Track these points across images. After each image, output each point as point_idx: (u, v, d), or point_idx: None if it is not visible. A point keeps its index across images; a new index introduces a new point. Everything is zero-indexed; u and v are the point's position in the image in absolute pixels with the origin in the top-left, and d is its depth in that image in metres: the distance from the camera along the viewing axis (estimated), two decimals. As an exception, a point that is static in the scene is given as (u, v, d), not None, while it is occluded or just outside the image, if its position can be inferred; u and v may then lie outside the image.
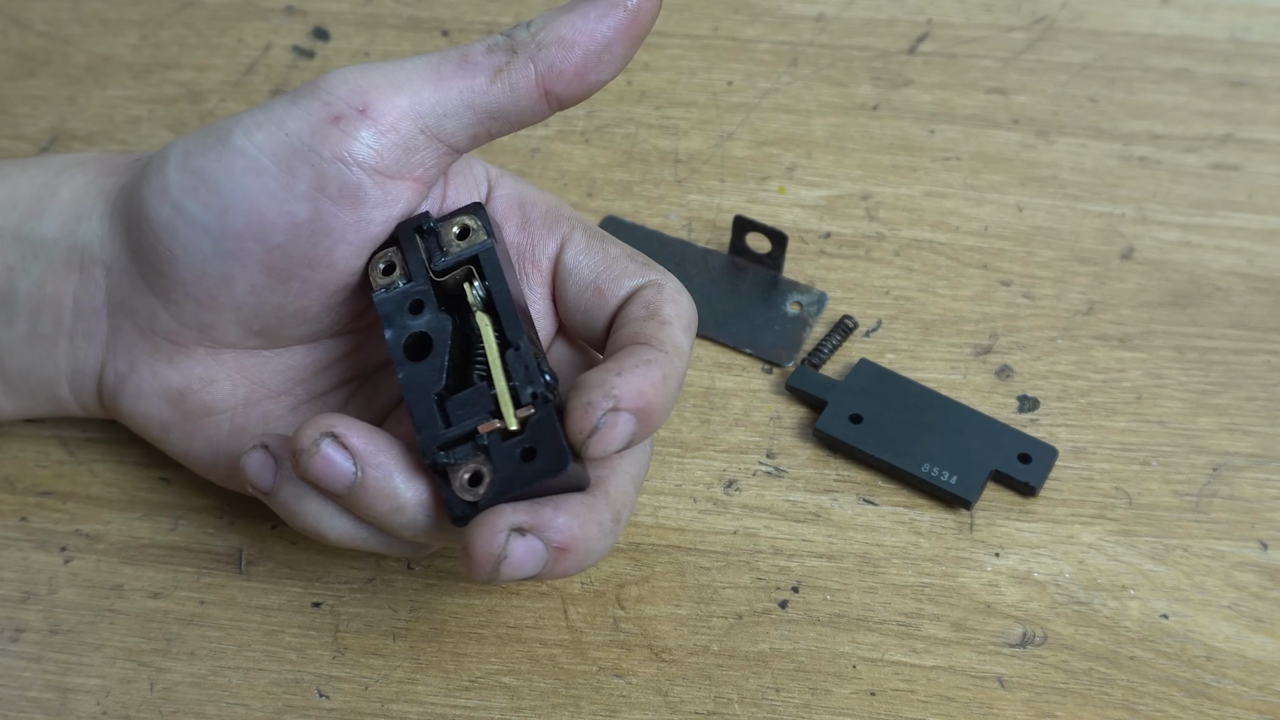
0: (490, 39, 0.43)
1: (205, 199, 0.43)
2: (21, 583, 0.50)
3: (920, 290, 0.58)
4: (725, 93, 0.64)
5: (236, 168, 0.42)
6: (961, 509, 0.51)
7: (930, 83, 0.64)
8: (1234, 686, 0.48)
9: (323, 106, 0.42)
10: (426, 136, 0.43)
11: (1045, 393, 0.55)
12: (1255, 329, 0.56)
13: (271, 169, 0.42)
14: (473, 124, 0.43)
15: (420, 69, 0.42)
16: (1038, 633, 0.49)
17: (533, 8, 0.67)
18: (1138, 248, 0.59)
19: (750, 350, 0.55)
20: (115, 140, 0.62)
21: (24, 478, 0.52)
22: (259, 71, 0.65)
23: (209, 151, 0.43)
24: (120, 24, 0.67)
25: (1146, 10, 0.67)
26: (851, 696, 0.48)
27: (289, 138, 0.42)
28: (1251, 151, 0.62)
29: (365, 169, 0.42)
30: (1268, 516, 0.52)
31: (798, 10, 0.67)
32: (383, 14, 0.67)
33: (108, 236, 0.46)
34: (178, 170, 0.44)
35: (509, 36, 0.43)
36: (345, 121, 0.42)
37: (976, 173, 0.61)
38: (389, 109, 0.42)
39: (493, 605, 0.50)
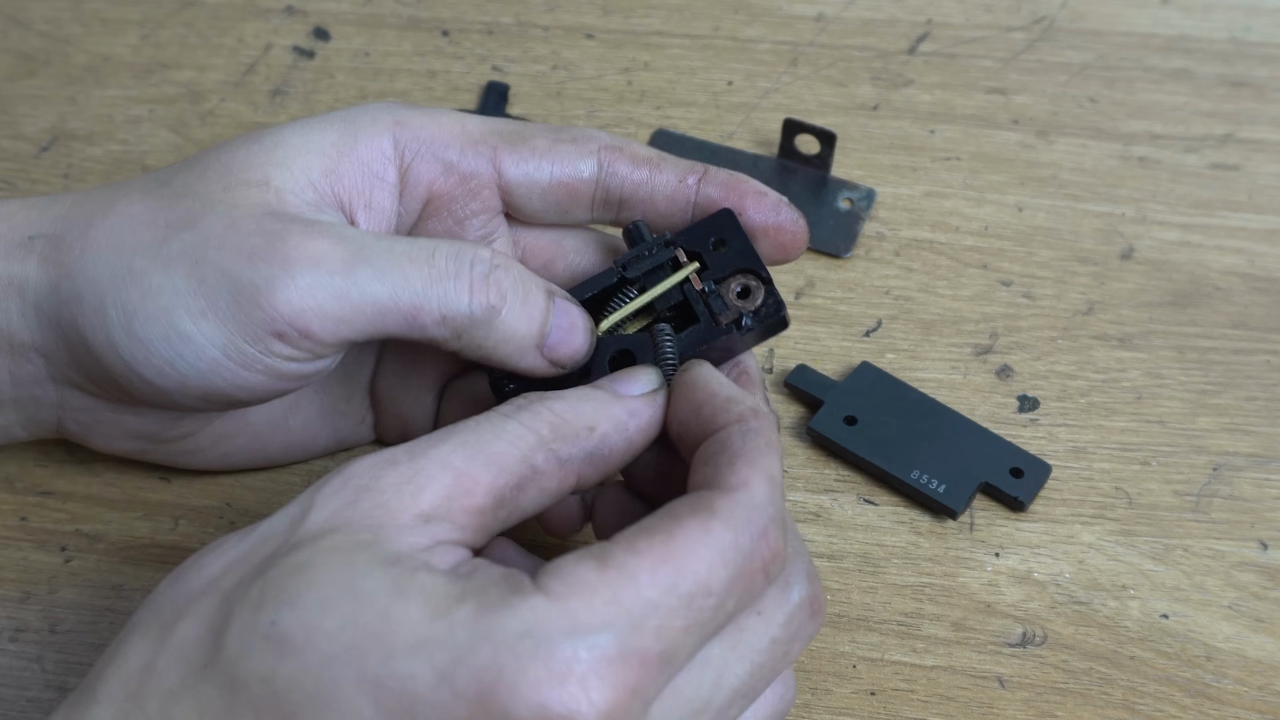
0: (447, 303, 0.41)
1: (160, 370, 0.42)
2: (21, 583, 0.50)
3: (920, 290, 0.58)
4: (725, 93, 0.64)
5: (188, 353, 0.42)
6: (948, 518, 0.51)
7: (930, 83, 0.64)
8: (1234, 686, 0.48)
9: (267, 321, 0.41)
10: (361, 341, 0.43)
11: (1045, 393, 0.55)
12: (1255, 329, 0.56)
13: (222, 359, 0.42)
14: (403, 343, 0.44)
15: (369, 305, 0.41)
16: (1038, 633, 0.49)
17: (532, 7, 0.67)
18: (1138, 248, 0.59)
19: (809, 244, 0.56)
20: (115, 140, 0.62)
21: (24, 478, 0.52)
22: (259, 71, 0.65)
23: (152, 323, 0.42)
24: (120, 24, 0.67)
25: (1146, 10, 0.67)
26: (851, 696, 0.48)
27: (235, 336, 0.41)
28: (1251, 151, 0.62)
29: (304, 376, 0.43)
30: (1268, 516, 0.52)
31: (798, 10, 0.67)
32: (383, 14, 0.67)
33: (38, 331, 0.44)
34: (123, 333, 0.42)
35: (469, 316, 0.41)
36: (288, 338, 0.41)
37: (976, 173, 0.61)
38: (330, 335, 0.41)
39: (493, 605, 0.50)
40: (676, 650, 0.35)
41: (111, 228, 0.43)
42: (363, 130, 0.45)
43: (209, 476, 0.52)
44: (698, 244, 0.45)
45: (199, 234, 0.42)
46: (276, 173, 0.43)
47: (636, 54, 0.65)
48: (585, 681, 0.34)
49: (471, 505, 0.38)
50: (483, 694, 0.33)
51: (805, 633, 0.39)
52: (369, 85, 0.64)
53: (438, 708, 0.34)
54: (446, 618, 0.34)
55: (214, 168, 0.44)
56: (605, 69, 0.65)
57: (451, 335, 0.42)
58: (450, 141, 0.45)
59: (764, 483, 0.37)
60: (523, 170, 0.45)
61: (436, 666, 0.34)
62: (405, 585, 0.35)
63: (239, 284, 0.41)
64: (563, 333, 0.43)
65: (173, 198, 0.43)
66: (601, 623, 0.34)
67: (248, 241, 0.41)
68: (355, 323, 0.41)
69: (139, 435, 0.48)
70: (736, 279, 0.45)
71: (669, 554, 0.35)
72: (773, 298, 0.44)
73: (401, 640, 0.34)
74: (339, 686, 0.34)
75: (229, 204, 0.42)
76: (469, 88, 0.64)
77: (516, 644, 0.34)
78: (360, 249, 0.41)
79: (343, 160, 0.44)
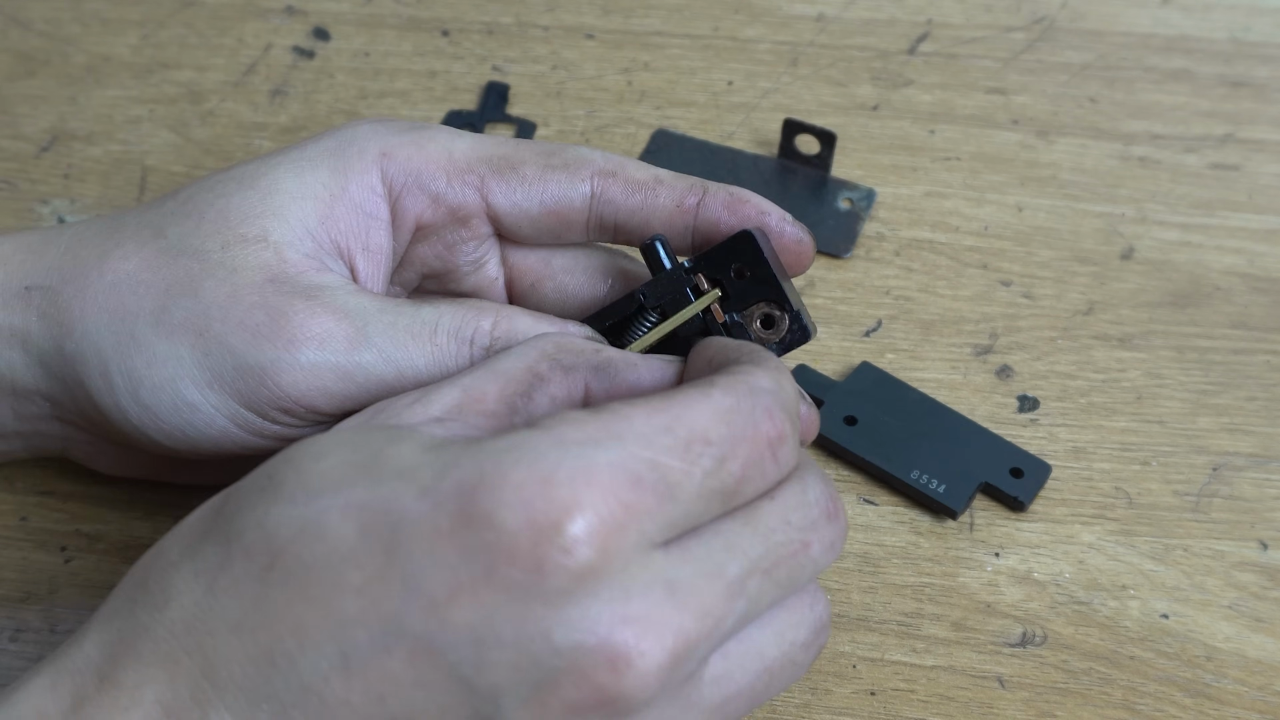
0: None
1: (169, 435, 0.43)
2: (21, 583, 0.50)
3: (920, 290, 0.58)
4: (725, 93, 0.64)
5: (198, 420, 0.42)
6: (948, 518, 0.51)
7: (930, 83, 0.64)
8: (1234, 686, 0.48)
9: (274, 399, 0.41)
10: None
11: (1045, 393, 0.55)
12: (1255, 329, 0.56)
13: (231, 427, 0.42)
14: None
15: (374, 384, 0.41)
16: (1038, 632, 0.49)
17: (532, 7, 0.67)
18: (1138, 248, 0.59)
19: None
20: (115, 140, 0.62)
21: (24, 478, 0.52)
22: (259, 71, 0.65)
23: (159, 392, 0.42)
24: (120, 24, 0.67)
25: (1146, 10, 0.67)
26: (851, 696, 0.48)
27: (242, 407, 0.42)
28: (1251, 151, 0.62)
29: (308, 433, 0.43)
30: (1268, 516, 0.52)
31: (798, 10, 0.67)
32: (383, 14, 0.67)
33: (43, 381, 0.44)
34: (130, 399, 0.42)
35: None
36: (294, 412, 0.42)
37: (976, 173, 0.61)
38: (335, 409, 0.42)
39: (493, 605, 0.50)
40: (670, 481, 0.34)
41: (110, 287, 0.43)
42: (351, 168, 0.44)
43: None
44: (719, 269, 0.43)
45: (200, 303, 0.42)
46: (274, 225, 0.43)
47: (636, 54, 0.65)
48: (573, 484, 0.33)
49: (483, 409, 0.38)
50: (464, 502, 0.33)
51: (825, 534, 0.38)
52: (369, 85, 0.64)
53: (420, 522, 0.33)
54: (436, 449, 0.35)
55: (209, 217, 0.43)
56: (605, 69, 0.65)
57: None
58: (436, 173, 0.44)
59: (768, 372, 0.37)
60: (512, 200, 0.44)
61: (420, 483, 0.34)
62: (402, 435, 0.36)
63: (244, 363, 0.41)
64: None
65: (170, 254, 0.43)
66: (590, 439, 0.34)
67: (251, 316, 0.41)
68: (360, 399, 0.42)
69: (146, 465, 0.49)
70: (759, 308, 0.44)
71: (665, 404, 0.35)
72: (798, 324, 0.43)
73: (390, 467, 0.34)
74: (325, 514, 0.34)
75: (229, 266, 0.42)
76: (469, 88, 0.64)
77: (500, 455, 0.33)
78: (363, 326, 0.41)
79: (336, 205, 0.44)
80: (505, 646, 0.33)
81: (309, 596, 0.34)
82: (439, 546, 0.33)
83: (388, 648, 0.33)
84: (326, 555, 0.34)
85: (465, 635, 0.33)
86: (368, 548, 0.33)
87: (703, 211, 0.44)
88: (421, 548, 0.33)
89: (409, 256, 0.46)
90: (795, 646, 0.38)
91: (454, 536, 0.33)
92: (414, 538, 0.33)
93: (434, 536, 0.33)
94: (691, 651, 0.34)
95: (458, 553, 0.33)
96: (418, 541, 0.33)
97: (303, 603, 0.34)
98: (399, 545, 0.33)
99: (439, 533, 0.33)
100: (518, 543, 0.32)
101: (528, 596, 0.33)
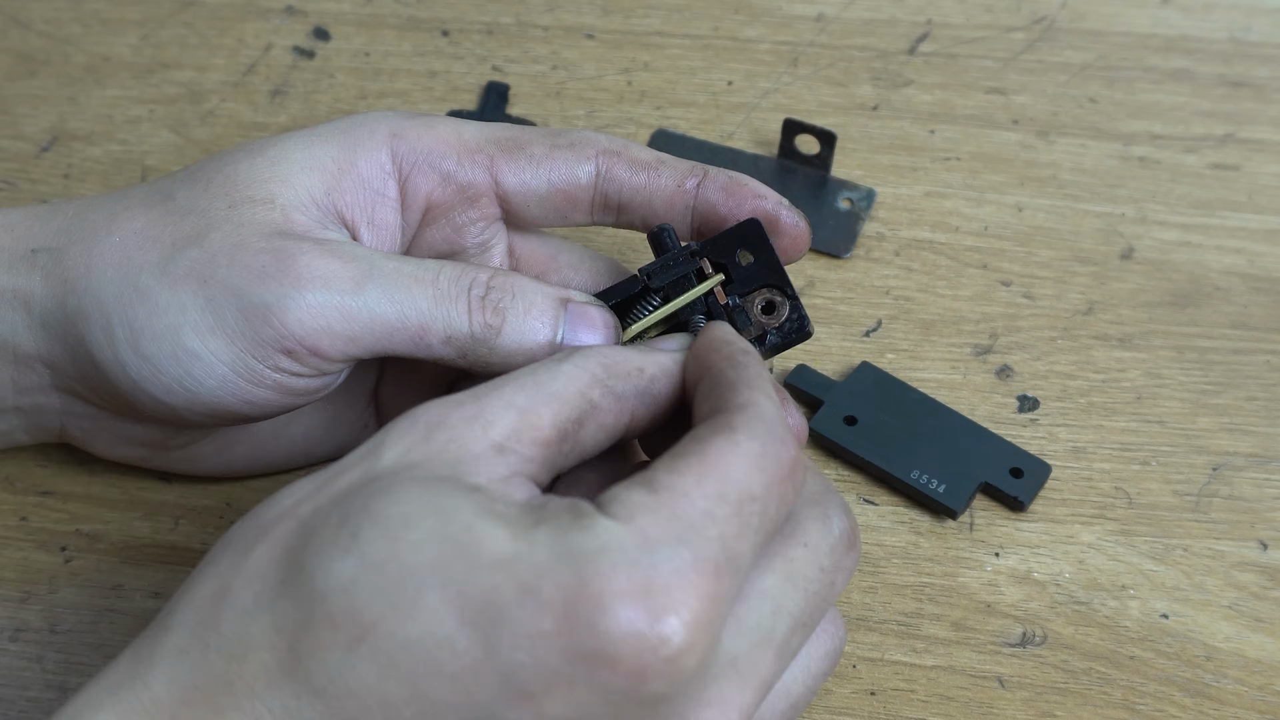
0: (451, 324, 0.42)
1: (169, 388, 0.43)
2: (21, 583, 0.50)
3: (920, 290, 0.58)
4: (725, 93, 0.64)
5: (196, 370, 0.42)
6: (948, 518, 0.51)
7: (930, 83, 0.64)
8: (1234, 686, 0.48)
9: (277, 338, 0.41)
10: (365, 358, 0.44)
11: (1045, 393, 0.55)
12: (1255, 329, 0.56)
13: (231, 376, 0.42)
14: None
15: (378, 325, 0.42)
16: (1038, 632, 0.49)
17: (532, 7, 0.67)
18: (1138, 248, 0.59)
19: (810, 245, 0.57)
20: (115, 140, 0.62)
21: (24, 478, 0.52)
22: (259, 72, 0.65)
23: (159, 342, 0.42)
24: (120, 24, 0.67)
25: (1146, 10, 0.67)
26: (851, 696, 0.48)
27: (243, 354, 0.42)
28: (1251, 151, 0.62)
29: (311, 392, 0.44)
30: (1268, 516, 0.52)
31: (798, 10, 0.67)
32: (383, 14, 0.67)
33: (43, 344, 0.45)
34: (130, 351, 0.42)
35: (470, 335, 0.42)
36: (297, 355, 0.42)
37: (976, 173, 0.61)
38: (338, 353, 0.42)
39: (493, 605, 0.50)
40: (738, 557, 0.35)
41: (116, 244, 0.43)
42: (361, 144, 0.45)
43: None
44: (723, 254, 0.44)
45: (206, 251, 0.42)
46: (280, 189, 0.43)
47: (636, 54, 0.65)
48: (670, 592, 0.34)
49: (539, 438, 0.38)
50: (568, 607, 0.33)
51: (846, 564, 0.39)
52: (369, 85, 0.64)
53: (523, 620, 0.33)
54: (527, 538, 0.34)
55: (217, 181, 0.44)
56: (605, 69, 0.65)
57: (458, 354, 0.43)
58: (447, 152, 0.45)
59: (766, 400, 0.38)
60: (520, 179, 0.46)
61: (521, 580, 0.34)
62: (488, 507, 0.35)
63: (248, 302, 0.41)
64: (578, 337, 0.43)
65: (177, 213, 0.43)
66: (671, 536, 0.34)
67: (257, 260, 0.42)
68: (363, 341, 0.42)
69: (143, 443, 0.49)
70: (761, 294, 0.45)
71: (707, 468, 0.36)
72: (797, 313, 0.44)
73: (486, 555, 0.34)
74: (422, 595, 0.34)
75: (235, 221, 0.43)
76: (469, 88, 0.64)
77: (597, 559, 0.34)
78: (369, 269, 0.42)
79: (344, 177, 0.44)
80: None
81: (401, 676, 0.34)
82: (540, 647, 0.34)
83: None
84: (421, 639, 0.34)
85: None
86: (466, 638, 0.34)
87: (702, 193, 0.45)
88: (523, 647, 0.33)
89: (417, 240, 0.47)
90: (819, 677, 0.40)
91: (557, 640, 0.33)
92: (516, 636, 0.34)
93: (536, 637, 0.33)
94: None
95: (560, 655, 0.33)
96: (520, 640, 0.34)
97: (394, 681, 0.34)
98: (500, 641, 0.34)
99: (542, 634, 0.33)
100: (620, 651, 0.33)
101: (626, 699, 0.34)
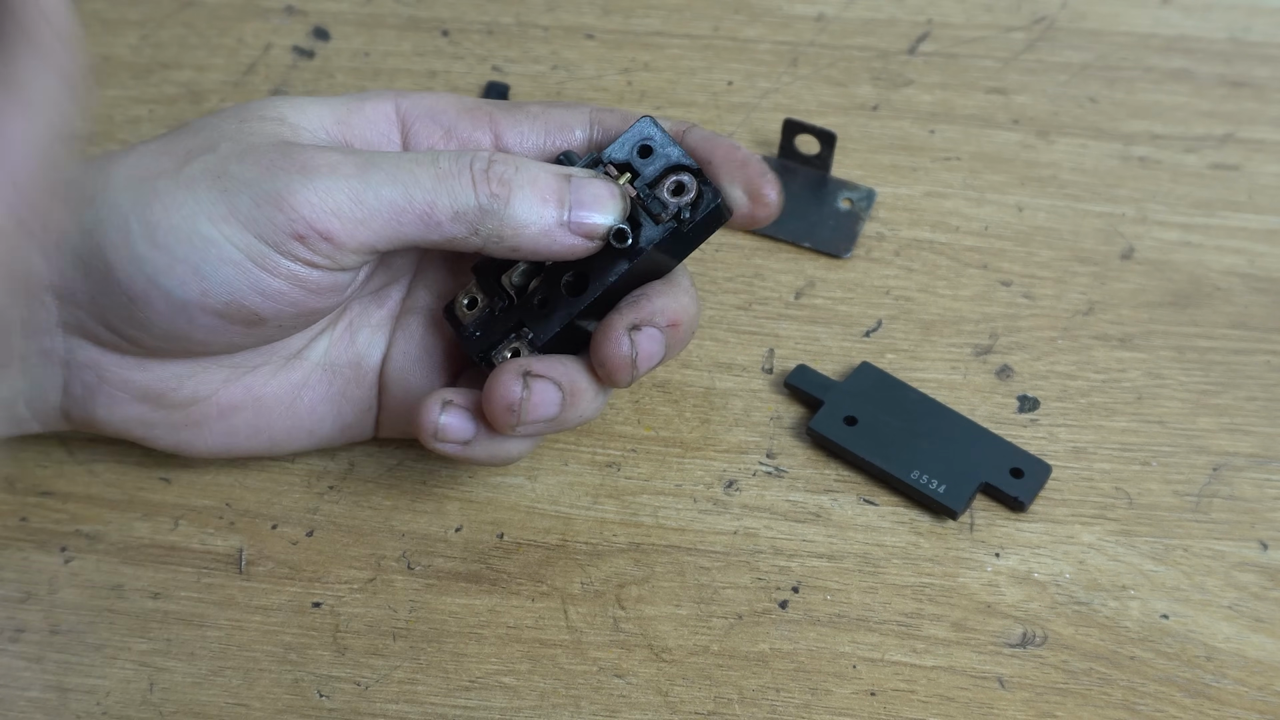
0: (457, 199, 0.44)
1: (183, 279, 0.44)
2: (21, 583, 0.50)
3: (920, 290, 0.58)
4: (725, 93, 0.64)
5: (212, 255, 0.44)
6: (948, 518, 0.51)
7: (930, 83, 0.64)
8: (1234, 686, 0.48)
9: (288, 223, 0.43)
10: (378, 257, 0.46)
11: (1045, 393, 0.55)
12: (1255, 329, 0.56)
13: (245, 262, 0.44)
14: (416, 253, 0.49)
15: (385, 206, 0.44)
16: (1038, 633, 0.49)
17: (532, 7, 0.67)
18: (1138, 248, 0.59)
19: (809, 244, 0.59)
20: (115, 140, 0.62)
21: (24, 478, 0.52)
22: (259, 72, 0.65)
23: (177, 230, 0.44)
24: (120, 24, 0.67)
25: (1146, 10, 0.67)
26: (851, 696, 0.48)
27: (257, 240, 0.43)
28: (1251, 151, 0.62)
29: (324, 291, 0.45)
30: (1268, 516, 0.52)
31: (798, 10, 0.67)
32: (383, 14, 0.67)
33: (56, 272, 0.45)
34: (147, 244, 0.44)
35: (478, 207, 0.44)
36: (309, 241, 0.43)
37: (976, 173, 0.61)
38: (349, 237, 0.44)
39: (493, 605, 0.50)
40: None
41: (133, 161, 0.46)
42: (366, 99, 0.48)
43: (209, 477, 0.52)
44: (624, 155, 0.46)
45: (219, 155, 0.44)
46: (291, 112, 0.46)
47: (636, 54, 0.65)
48: None
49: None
50: None
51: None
52: (369, 85, 0.64)
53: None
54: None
55: (229, 110, 0.47)
56: (605, 69, 0.65)
57: (470, 231, 0.44)
58: (448, 108, 0.48)
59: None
60: (519, 133, 0.48)
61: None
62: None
63: (260, 189, 0.43)
64: (585, 206, 0.45)
65: (191, 132, 0.46)
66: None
67: (267, 156, 0.44)
68: (373, 224, 0.44)
69: (145, 396, 0.48)
70: (668, 178, 0.46)
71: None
72: (708, 186, 0.46)
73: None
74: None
75: (246, 133, 0.45)
76: (469, 88, 0.64)
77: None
78: (370, 158, 0.44)
79: (352, 115, 0.47)
80: None
81: None
82: None
83: None
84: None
85: None
86: None
87: (686, 139, 0.48)
88: None
89: None
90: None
91: None
92: None
93: None
94: None
95: None
96: None
97: None
98: None
99: None
100: None
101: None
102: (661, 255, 0.46)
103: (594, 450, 0.53)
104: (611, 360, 0.46)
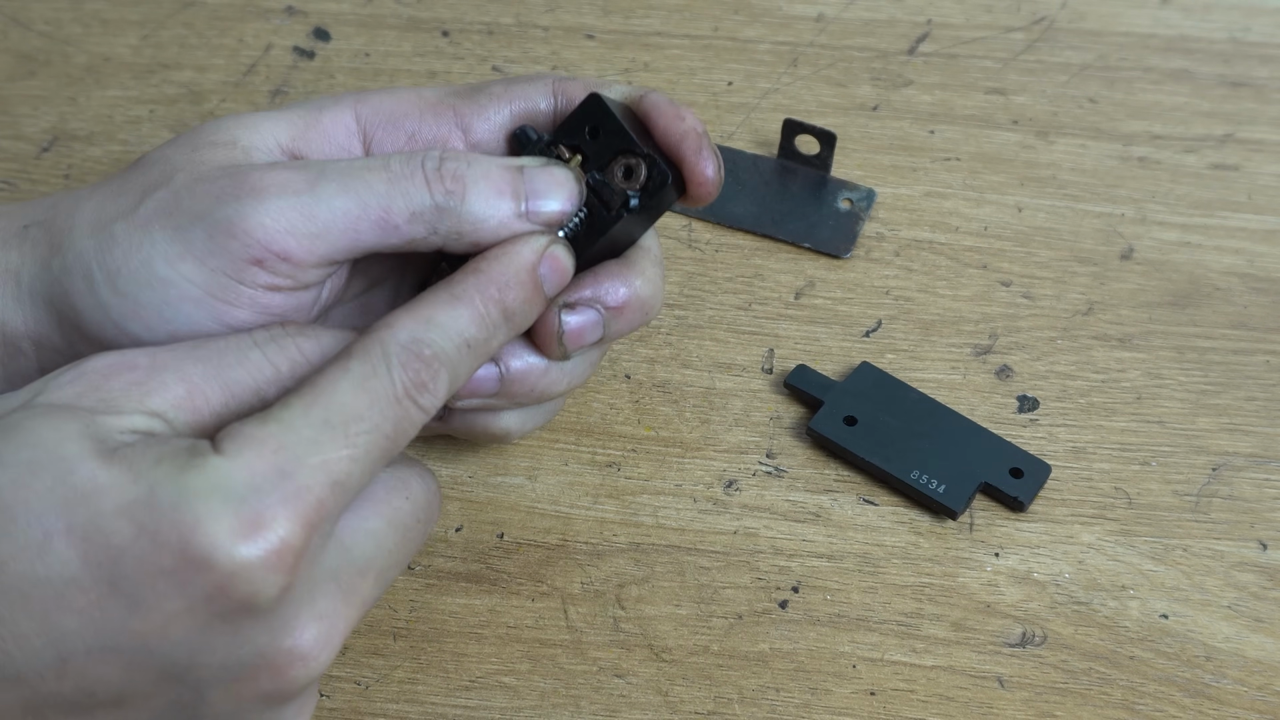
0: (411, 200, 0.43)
1: (149, 323, 0.43)
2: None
3: (920, 290, 0.58)
4: (725, 93, 0.64)
5: (172, 296, 0.43)
6: (948, 518, 0.51)
7: (930, 83, 0.64)
8: (1234, 686, 0.48)
9: (243, 249, 0.42)
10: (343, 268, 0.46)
11: (1045, 393, 0.55)
12: (1255, 329, 0.56)
13: (206, 299, 0.43)
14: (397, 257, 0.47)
15: (339, 217, 0.43)
16: (1037, 633, 0.49)
17: (532, 7, 0.67)
18: (1137, 248, 0.59)
19: (809, 244, 0.59)
20: (115, 140, 0.62)
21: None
22: (259, 72, 0.65)
23: (136, 276, 0.43)
24: (120, 24, 0.67)
25: (1146, 10, 0.67)
26: (851, 696, 0.48)
27: (215, 274, 0.43)
28: (1251, 151, 0.62)
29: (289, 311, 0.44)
30: (1268, 516, 0.52)
31: (798, 10, 0.67)
32: (383, 14, 0.67)
33: (30, 316, 0.45)
34: (109, 291, 0.43)
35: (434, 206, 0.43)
36: (268, 264, 0.43)
37: (976, 173, 0.61)
38: (307, 254, 0.43)
39: (493, 605, 0.50)
40: (344, 479, 0.38)
41: (95, 204, 0.45)
42: (325, 108, 0.47)
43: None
44: (576, 136, 0.45)
45: (171, 190, 0.44)
46: (243, 134, 0.45)
47: (636, 54, 0.66)
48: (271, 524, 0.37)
49: (202, 410, 0.40)
50: (184, 546, 0.36)
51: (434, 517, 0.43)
52: (369, 85, 0.64)
53: (143, 560, 0.36)
54: (146, 480, 0.37)
55: (184, 136, 0.46)
56: (605, 69, 0.65)
57: (428, 230, 0.44)
58: (410, 111, 0.47)
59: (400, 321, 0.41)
60: (484, 117, 0.47)
61: (139, 523, 0.36)
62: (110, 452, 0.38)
63: (212, 220, 0.42)
64: (540, 196, 0.44)
65: (146, 165, 0.45)
66: (274, 469, 0.37)
67: (215, 186, 0.43)
68: (329, 238, 0.43)
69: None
70: (619, 162, 0.45)
71: (315, 395, 0.39)
72: (657, 168, 0.45)
73: (108, 502, 0.37)
74: (50, 540, 0.37)
75: (197, 161, 0.44)
76: (469, 88, 0.64)
77: (208, 498, 0.37)
78: (321, 170, 0.43)
79: (309, 131, 0.46)
80: (215, 652, 0.38)
81: (31, 612, 0.37)
82: (160, 582, 0.37)
83: (105, 658, 0.37)
84: (50, 578, 0.37)
85: (181, 648, 0.37)
86: (91, 577, 0.37)
87: (641, 106, 0.47)
88: (145, 584, 0.37)
89: None
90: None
91: (175, 575, 0.36)
92: (138, 575, 0.37)
93: (156, 574, 0.36)
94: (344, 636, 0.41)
95: (177, 588, 0.37)
96: (141, 578, 0.37)
97: (25, 617, 0.37)
98: (122, 580, 0.37)
99: (161, 571, 0.36)
100: (234, 581, 0.37)
101: (239, 617, 0.37)
102: (616, 236, 0.46)
103: (594, 450, 0.53)
104: (538, 334, 0.46)
